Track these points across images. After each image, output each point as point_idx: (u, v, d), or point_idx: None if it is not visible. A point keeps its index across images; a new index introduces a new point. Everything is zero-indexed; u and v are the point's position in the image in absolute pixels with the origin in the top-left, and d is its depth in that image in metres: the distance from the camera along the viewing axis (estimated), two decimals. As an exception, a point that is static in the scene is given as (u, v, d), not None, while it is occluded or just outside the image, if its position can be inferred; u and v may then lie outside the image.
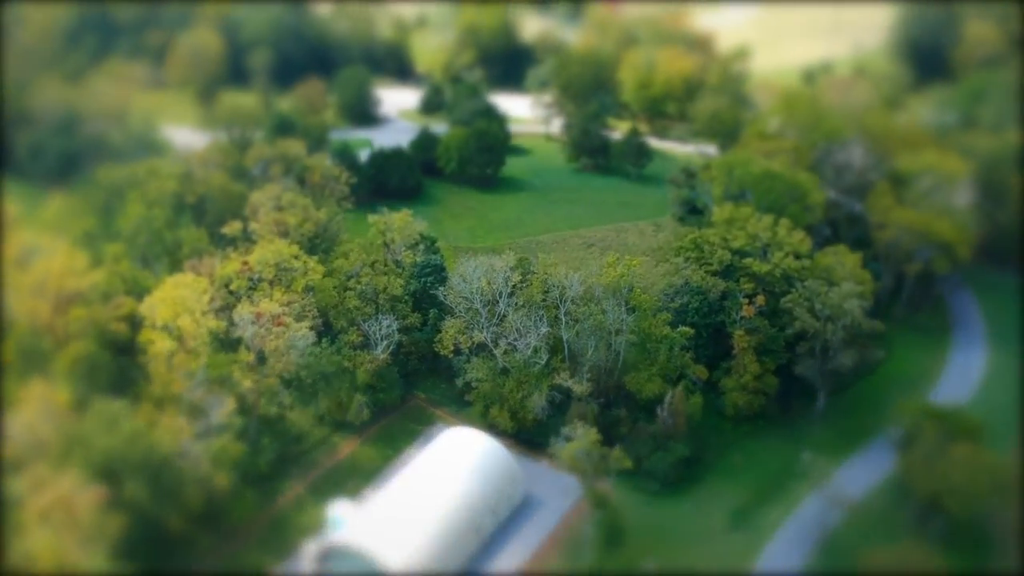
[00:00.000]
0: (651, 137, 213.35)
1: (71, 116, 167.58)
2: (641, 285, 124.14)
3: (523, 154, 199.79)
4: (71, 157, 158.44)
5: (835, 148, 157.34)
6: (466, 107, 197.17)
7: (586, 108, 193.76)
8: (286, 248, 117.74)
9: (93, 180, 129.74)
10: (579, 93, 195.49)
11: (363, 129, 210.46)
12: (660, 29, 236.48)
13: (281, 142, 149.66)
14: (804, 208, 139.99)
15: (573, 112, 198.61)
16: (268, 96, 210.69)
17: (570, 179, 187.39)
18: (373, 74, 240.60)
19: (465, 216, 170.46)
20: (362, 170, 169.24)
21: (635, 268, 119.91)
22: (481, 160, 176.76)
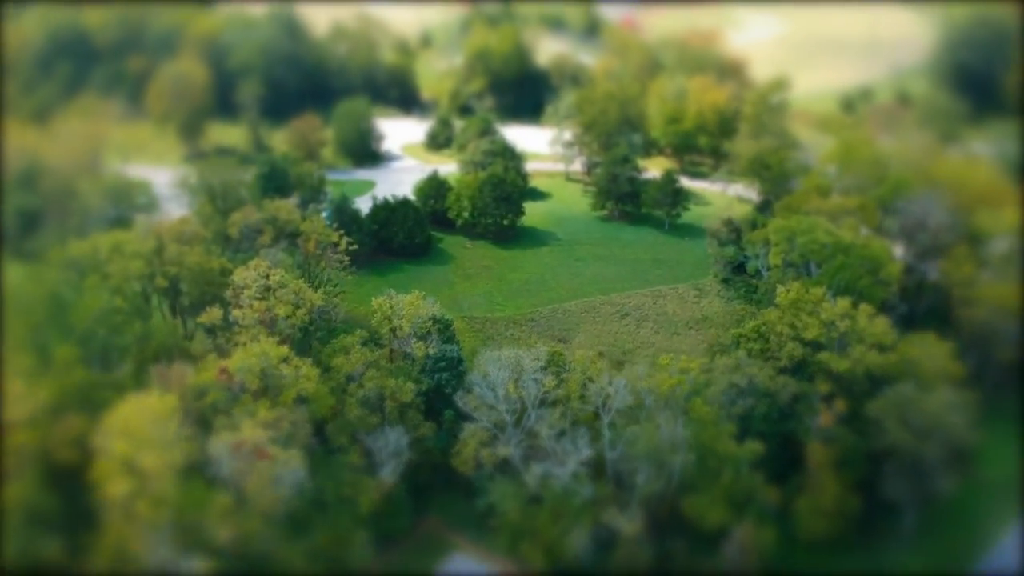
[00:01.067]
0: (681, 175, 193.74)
1: (34, 167, 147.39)
2: (695, 382, 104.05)
3: (542, 198, 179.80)
4: (30, 217, 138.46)
5: (905, 205, 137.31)
6: (478, 147, 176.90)
7: (612, 149, 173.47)
8: (273, 349, 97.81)
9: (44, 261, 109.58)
10: (604, 131, 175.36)
11: (364, 169, 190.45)
12: (687, 54, 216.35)
13: (271, 204, 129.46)
14: (877, 282, 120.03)
15: (596, 151, 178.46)
16: (257, 132, 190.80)
17: (596, 230, 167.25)
18: (374, 102, 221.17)
19: (480, 277, 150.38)
20: (364, 225, 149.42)
21: (693, 372, 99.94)
22: (497, 211, 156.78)
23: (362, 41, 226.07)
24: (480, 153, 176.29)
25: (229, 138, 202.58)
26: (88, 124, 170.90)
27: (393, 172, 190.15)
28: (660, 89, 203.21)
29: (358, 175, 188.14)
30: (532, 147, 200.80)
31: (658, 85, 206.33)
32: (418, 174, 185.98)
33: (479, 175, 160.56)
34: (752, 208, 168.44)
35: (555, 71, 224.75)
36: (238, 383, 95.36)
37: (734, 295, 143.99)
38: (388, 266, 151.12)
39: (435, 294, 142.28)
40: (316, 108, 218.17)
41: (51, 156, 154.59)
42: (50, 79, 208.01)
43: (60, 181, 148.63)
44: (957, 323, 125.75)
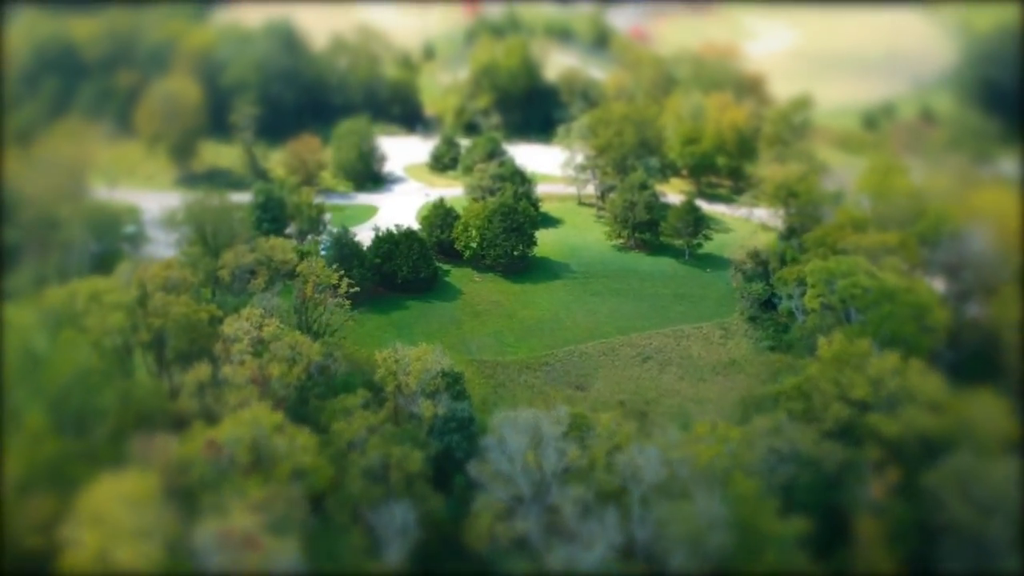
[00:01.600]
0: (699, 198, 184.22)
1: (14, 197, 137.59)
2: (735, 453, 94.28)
3: (554, 224, 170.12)
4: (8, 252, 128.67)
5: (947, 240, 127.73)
6: (486, 171, 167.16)
7: (628, 174, 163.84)
8: (266, 416, 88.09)
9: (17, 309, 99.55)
10: (619, 154, 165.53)
11: (366, 193, 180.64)
12: (703, 69, 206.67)
13: (265, 243, 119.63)
14: (924, 328, 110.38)
15: (611, 174, 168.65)
16: (252, 154, 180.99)
17: (612, 260, 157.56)
18: (376, 119, 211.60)
19: (490, 315, 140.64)
20: (366, 259, 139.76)
21: (733, 442, 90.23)
22: (507, 242, 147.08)
23: (362, 55, 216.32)
24: (488, 177, 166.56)
25: (223, 159, 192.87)
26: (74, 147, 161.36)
27: (396, 196, 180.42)
28: (675, 107, 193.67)
29: (359, 199, 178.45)
30: (541, 167, 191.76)
31: (673, 102, 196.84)
32: (422, 198, 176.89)
33: (488, 204, 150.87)
34: (777, 237, 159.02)
35: (564, 86, 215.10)
36: (227, 455, 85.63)
37: (762, 335, 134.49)
38: (391, 302, 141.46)
39: (442, 334, 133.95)
40: (315, 125, 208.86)
41: (33, 183, 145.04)
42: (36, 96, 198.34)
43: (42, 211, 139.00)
44: (1008, 370, 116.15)
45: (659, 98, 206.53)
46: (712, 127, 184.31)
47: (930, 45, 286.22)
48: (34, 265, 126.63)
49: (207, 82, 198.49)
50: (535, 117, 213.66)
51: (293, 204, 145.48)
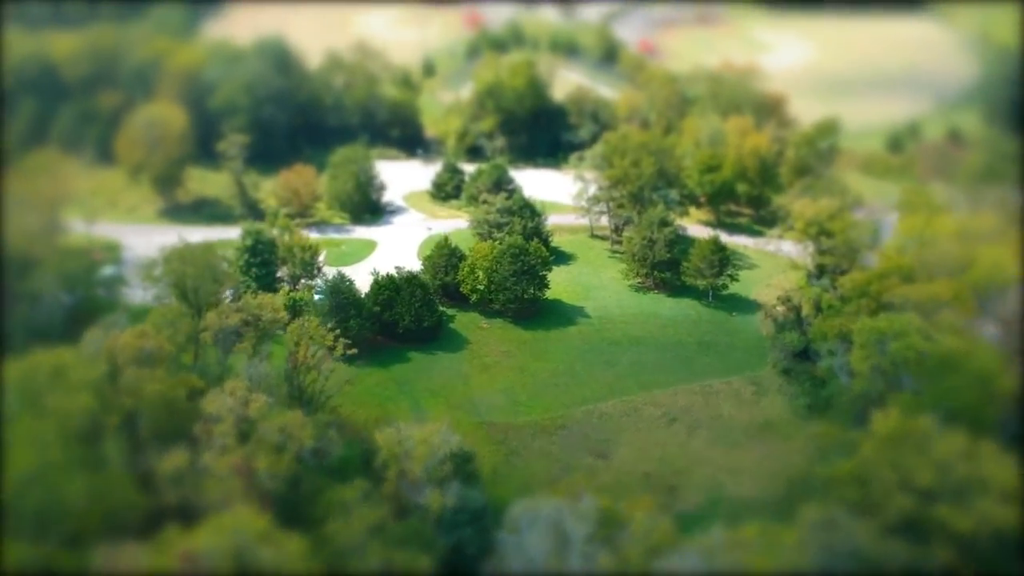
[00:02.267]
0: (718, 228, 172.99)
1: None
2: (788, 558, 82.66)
3: (565, 261, 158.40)
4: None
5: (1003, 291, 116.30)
6: (493, 204, 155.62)
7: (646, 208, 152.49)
8: (250, 521, 76.44)
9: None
10: (636, 186, 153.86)
11: (364, 226, 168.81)
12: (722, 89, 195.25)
13: (252, 300, 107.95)
14: (989, 398, 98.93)
15: (627, 208, 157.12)
16: (242, 184, 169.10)
17: (630, 303, 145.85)
18: (373, 142, 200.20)
19: (500, 368, 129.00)
20: (364, 307, 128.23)
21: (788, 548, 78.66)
22: (517, 285, 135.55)
23: (359, 73, 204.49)
24: (495, 211, 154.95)
25: (212, 187, 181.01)
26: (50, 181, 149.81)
27: (396, 229, 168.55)
28: (692, 130, 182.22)
29: (357, 233, 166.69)
30: (550, 194, 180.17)
31: (690, 126, 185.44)
32: (424, 232, 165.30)
33: (496, 245, 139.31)
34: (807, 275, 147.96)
35: (573, 107, 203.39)
36: (205, 570, 73.96)
37: (799, 390, 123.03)
38: (392, 354, 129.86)
39: (447, 391, 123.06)
40: (310, 148, 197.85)
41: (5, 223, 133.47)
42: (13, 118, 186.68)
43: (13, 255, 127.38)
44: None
45: (674, 120, 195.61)
46: (732, 153, 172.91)
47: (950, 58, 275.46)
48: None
49: (194, 105, 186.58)
50: (542, 140, 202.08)
51: (285, 246, 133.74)
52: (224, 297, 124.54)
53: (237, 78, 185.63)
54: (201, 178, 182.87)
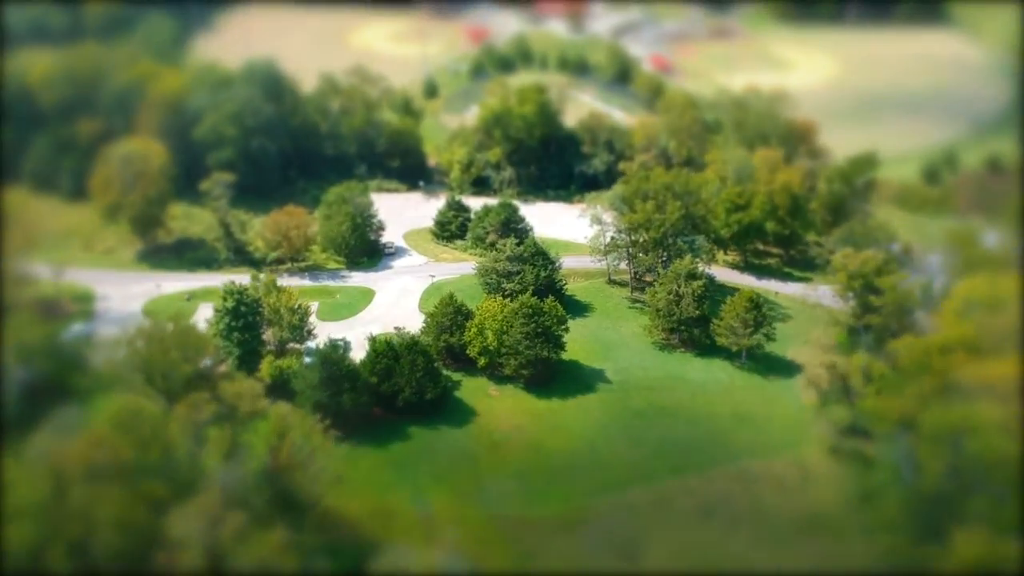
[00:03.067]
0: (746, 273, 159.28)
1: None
2: None
3: (581, 312, 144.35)
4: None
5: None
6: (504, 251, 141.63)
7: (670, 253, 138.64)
8: None
9: None
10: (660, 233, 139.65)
11: (360, 271, 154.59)
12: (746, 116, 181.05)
13: (230, 386, 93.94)
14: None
15: (651, 257, 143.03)
16: (228, 226, 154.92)
17: (655, 364, 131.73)
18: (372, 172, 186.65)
19: (511, 446, 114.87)
20: (360, 379, 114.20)
21: None
22: (531, 350, 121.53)
23: (357, 98, 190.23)
24: (504, 259, 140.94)
25: (196, 224, 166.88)
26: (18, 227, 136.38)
27: (396, 275, 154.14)
28: (717, 163, 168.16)
29: (353, 280, 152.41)
30: (563, 230, 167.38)
31: (715, 158, 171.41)
32: (426, 280, 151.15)
33: (507, 304, 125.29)
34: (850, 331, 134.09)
35: (586, 134, 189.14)
36: None
37: (848, 472, 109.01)
38: (390, 430, 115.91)
39: (452, 476, 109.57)
40: (303, 179, 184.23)
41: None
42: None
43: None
44: None
45: (695, 149, 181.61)
46: (761, 189, 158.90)
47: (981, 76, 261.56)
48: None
49: (178, 135, 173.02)
50: (553, 170, 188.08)
51: (271, 307, 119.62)
52: (204, 366, 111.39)
53: (224, 107, 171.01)
54: (185, 215, 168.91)
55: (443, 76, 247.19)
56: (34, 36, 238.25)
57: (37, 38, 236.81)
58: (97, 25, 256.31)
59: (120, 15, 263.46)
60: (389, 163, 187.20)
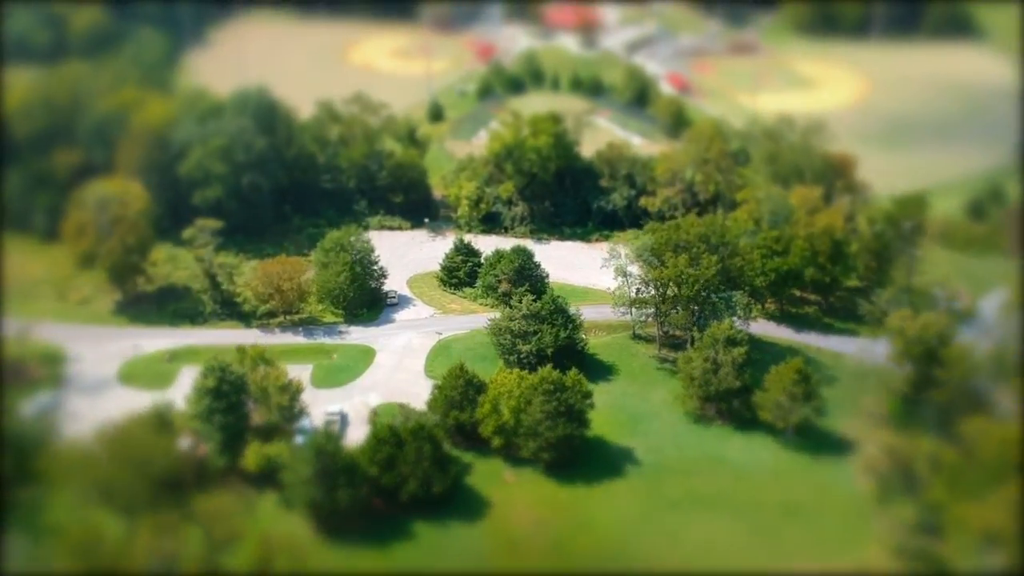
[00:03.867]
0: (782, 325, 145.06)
1: None
2: None
3: (605, 375, 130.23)
4: None
5: None
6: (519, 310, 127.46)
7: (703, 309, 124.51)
8: None
9: None
10: (693, 290, 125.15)
11: (359, 326, 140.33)
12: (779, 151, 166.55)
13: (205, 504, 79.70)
14: None
15: (682, 315, 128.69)
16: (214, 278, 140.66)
17: (690, 442, 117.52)
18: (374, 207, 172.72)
19: (531, 547, 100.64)
20: (358, 471, 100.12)
21: None
22: (552, 431, 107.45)
23: (358, 128, 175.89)
24: (520, 318, 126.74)
25: (182, 268, 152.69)
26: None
27: (399, 330, 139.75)
28: (751, 204, 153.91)
29: (352, 336, 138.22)
30: (581, 272, 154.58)
31: (748, 196, 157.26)
32: (432, 337, 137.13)
33: (526, 378, 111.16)
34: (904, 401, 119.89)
35: (604, 166, 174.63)
36: None
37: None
38: (392, 527, 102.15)
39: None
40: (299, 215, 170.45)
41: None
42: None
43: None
44: None
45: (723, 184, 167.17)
46: (801, 233, 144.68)
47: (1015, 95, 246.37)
48: None
49: (163, 170, 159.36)
50: (569, 206, 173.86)
51: (257, 386, 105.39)
52: (182, 445, 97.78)
53: (212, 141, 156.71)
54: (169, 258, 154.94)
55: (449, 97, 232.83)
56: (16, 54, 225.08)
57: (19, 56, 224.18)
58: (82, 42, 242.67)
59: (107, 32, 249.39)
60: (391, 198, 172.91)
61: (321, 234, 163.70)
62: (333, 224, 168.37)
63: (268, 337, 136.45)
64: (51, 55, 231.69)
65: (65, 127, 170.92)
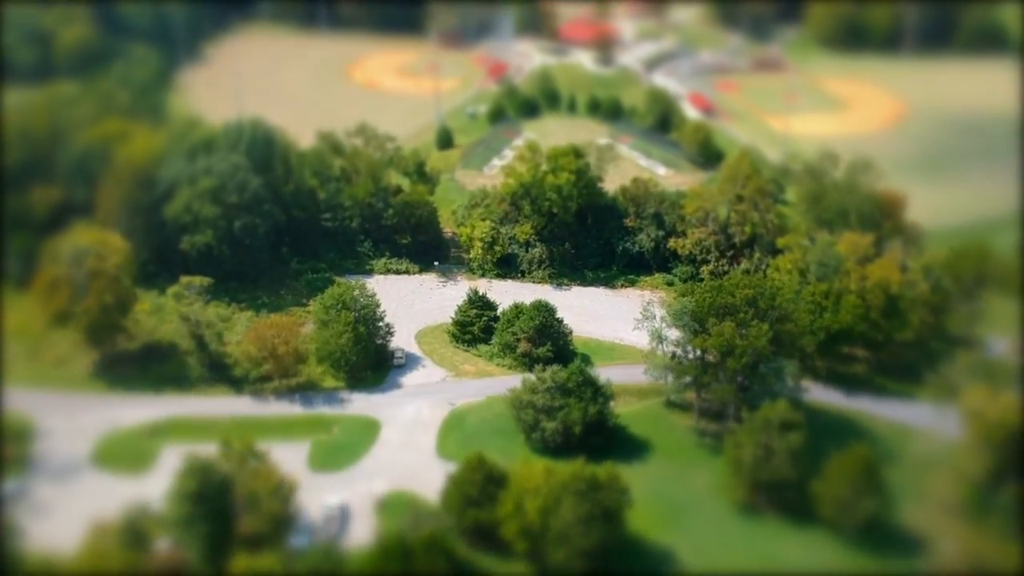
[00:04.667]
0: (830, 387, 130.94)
1: None
2: None
3: (639, 453, 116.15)
4: None
5: None
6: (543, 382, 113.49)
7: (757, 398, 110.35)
8: None
9: None
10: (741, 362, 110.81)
11: (362, 392, 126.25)
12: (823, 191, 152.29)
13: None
14: None
15: (726, 390, 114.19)
16: (201, 340, 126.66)
17: (739, 541, 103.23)
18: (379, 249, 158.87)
19: None
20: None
21: None
22: (587, 538, 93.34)
23: (362, 164, 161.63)
24: (544, 391, 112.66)
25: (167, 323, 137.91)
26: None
27: (407, 398, 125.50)
28: (795, 253, 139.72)
29: (353, 405, 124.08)
30: (606, 326, 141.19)
31: (791, 243, 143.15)
32: (444, 408, 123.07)
33: (554, 473, 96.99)
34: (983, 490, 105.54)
35: (629, 204, 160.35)
36: None
37: None
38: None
39: None
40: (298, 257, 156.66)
41: None
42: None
43: None
44: None
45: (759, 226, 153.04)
46: (852, 285, 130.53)
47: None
48: None
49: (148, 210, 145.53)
50: (592, 247, 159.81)
51: (245, 488, 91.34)
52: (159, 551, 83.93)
53: (201, 182, 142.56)
54: (154, 308, 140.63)
55: (458, 119, 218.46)
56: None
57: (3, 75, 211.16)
58: (70, 60, 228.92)
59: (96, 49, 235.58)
60: (398, 239, 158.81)
61: (321, 279, 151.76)
62: (335, 268, 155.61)
63: (261, 406, 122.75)
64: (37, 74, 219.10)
65: (44, 161, 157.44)
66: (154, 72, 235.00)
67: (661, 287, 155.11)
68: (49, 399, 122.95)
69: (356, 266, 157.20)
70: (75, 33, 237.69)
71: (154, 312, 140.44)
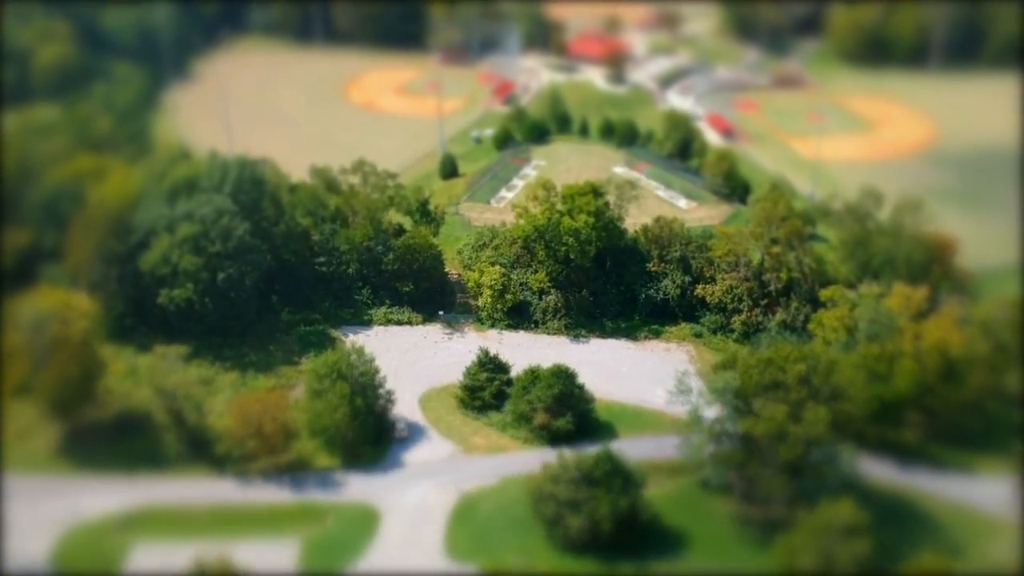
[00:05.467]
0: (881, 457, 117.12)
1: None
2: None
3: (673, 548, 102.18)
4: None
5: None
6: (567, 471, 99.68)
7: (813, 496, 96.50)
8: None
9: None
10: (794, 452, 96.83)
11: (361, 474, 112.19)
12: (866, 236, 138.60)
13: None
14: None
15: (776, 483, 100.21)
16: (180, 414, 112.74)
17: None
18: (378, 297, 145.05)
19: None
20: None
21: None
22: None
23: (360, 205, 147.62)
24: (567, 481, 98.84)
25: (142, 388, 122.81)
26: None
27: (411, 480, 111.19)
28: (841, 308, 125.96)
29: (349, 489, 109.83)
30: (630, 385, 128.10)
31: (836, 296, 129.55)
32: (453, 493, 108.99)
33: None
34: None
35: (651, 245, 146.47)
36: None
37: None
38: None
39: None
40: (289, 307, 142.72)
41: None
42: None
43: None
44: None
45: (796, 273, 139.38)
46: (907, 347, 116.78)
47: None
48: None
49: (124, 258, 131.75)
50: (611, 294, 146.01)
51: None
52: None
53: (180, 229, 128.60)
54: (129, 371, 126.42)
55: (463, 144, 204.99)
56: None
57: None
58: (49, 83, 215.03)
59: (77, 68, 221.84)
60: (400, 287, 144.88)
61: (315, 333, 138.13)
62: (330, 319, 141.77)
63: (246, 490, 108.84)
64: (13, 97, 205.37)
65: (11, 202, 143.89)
66: (138, 93, 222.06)
67: (688, 339, 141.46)
68: (8, 483, 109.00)
69: (353, 316, 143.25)
70: (55, 51, 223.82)
71: (129, 375, 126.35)
